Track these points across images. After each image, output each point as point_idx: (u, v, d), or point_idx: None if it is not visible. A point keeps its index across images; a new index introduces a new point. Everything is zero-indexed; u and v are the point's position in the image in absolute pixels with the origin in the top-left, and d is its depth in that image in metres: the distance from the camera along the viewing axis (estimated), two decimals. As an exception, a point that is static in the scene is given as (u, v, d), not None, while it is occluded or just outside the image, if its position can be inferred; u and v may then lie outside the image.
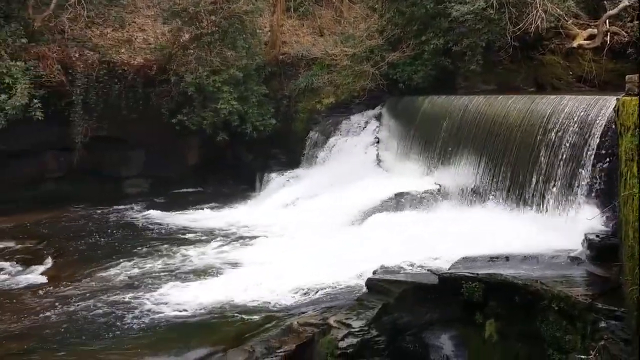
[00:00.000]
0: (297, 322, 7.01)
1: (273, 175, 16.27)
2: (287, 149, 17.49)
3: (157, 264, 10.56)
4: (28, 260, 11.29)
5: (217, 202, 15.59)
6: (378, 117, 15.85)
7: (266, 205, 14.63)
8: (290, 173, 16.02)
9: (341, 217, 11.83)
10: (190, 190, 17.49)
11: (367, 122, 15.93)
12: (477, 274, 6.68)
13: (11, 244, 12.21)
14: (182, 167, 17.87)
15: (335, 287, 8.72)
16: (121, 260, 10.89)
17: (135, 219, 14.30)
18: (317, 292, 8.63)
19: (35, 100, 14.31)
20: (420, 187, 11.93)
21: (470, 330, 6.63)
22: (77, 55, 16.02)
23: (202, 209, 15.04)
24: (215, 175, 17.80)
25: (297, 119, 17.63)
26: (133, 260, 10.86)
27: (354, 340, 6.60)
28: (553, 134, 9.14)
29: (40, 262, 11.12)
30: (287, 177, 15.88)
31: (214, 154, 17.62)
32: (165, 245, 11.72)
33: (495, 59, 14.07)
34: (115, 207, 15.40)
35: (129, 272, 10.19)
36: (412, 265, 8.09)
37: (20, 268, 10.89)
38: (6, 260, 11.28)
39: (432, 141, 12.91)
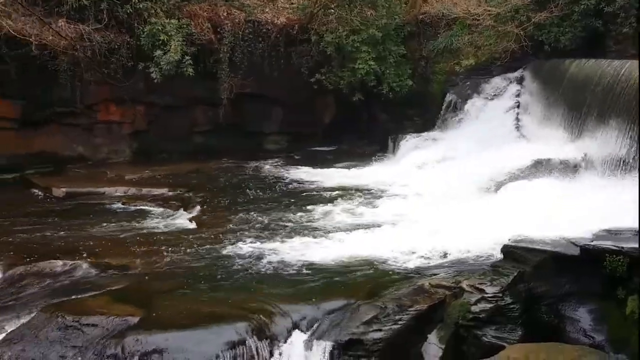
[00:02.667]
0: (429, 283, 7.04)
1: (407, 136, 16.16)
2: (423, 110, 17.27)
3: (293, 218, 10.92)
4: (179, 207, 12.11)
5: (351, 161, 15.80)
6: (520, 81, 15.20)
7: (399, 167, 14.63)
8: (424, 135, 15.85)
9: (476, 182, 11.59)
10: (325, 148, 17.82)
11: (507, 86, 15.32)
12: (622, 248, 6.36)
13: (164, 190, 13.13)
14: (318, 126, 18.21)
15: (468, 252, 8.62)
16: (260, 212, 11.37)
17: (274, 174, 14.85)
18: (449, 255, 8.58)
19: (187, 57, 15.09)
20: (562, 155, 11.38)
21: (610, 305, 6.36)
22: (225, 14, 16.63)
23: (337, 167, 15.32)
24: (349, 135, 17.99)
25: (434, 80, 17.33)
26: (271, 213, 11.29)
27: (487, 306, 6.53)
28: None
29: (189, 209, 11.89)
30: (422, 139, 15.71)
31: (349, 114, 17.77)
32: (302, 201, 12.09)
33: (652, 21, 12.97)
34: (256, 161, 16.06)
35: (267, 224, 10.59)
36: (549, 234, 7.79)
37: (172, 213, 11.73)
38: (160, 205, 12.19)
39: (577, 107, 12.21)
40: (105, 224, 10.90)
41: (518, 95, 14.90)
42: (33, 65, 14.34)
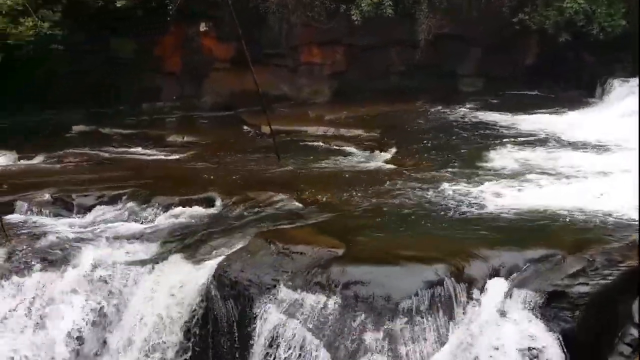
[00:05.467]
0: (643, 239, 6.49)
1: (616, 82, 14.77)
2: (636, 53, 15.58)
3: (489, 163, 10.59)
4: (374, 147, 12.34)
5: (552, 107, 14.85)
6: None
7: (607, 114, 13.46)
8: (636, 81, 14.35)
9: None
10: (523, 92, 16.85)
11: None
12: None
13: (360, 131, 13.42)
14: (517, 68, 17.23)
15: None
16: (455, 155, 11.22)
17: (469, 117, 14.46)
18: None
19: (387, -2, 15.02)
20: None
21: None
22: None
23: (536, 112, 14.46)
24: (551, 78, 16.80)
25: (651, 19, 15.49)
26: (466, 156, 11.11)
27: None
28: None
29: (385, 150, 12.04)
30: (633, 84, 14.24)
31: (552, 56, 16.56)
32: (497, 146, 11.65)
33: None
34: (451, 103, 15.70)
35: (462, 168, 10.39)
36: None
37: (368, 153, 12.00)
38: (356, 146, 12.51)
39: None
40: (307, 161, 11.46)
41: None
42: (245, 8, 15.14)
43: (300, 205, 8.98)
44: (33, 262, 7.60)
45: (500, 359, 5.10)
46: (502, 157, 10.85)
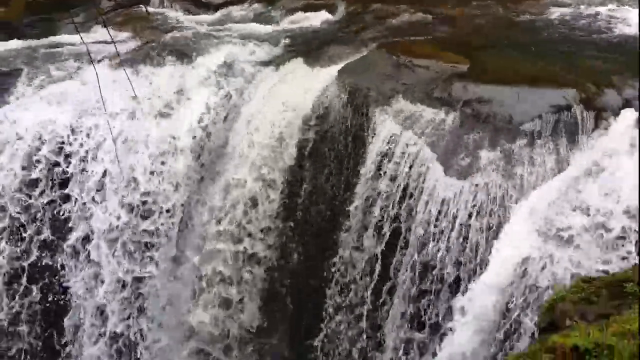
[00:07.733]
0: None
1: None
2: None
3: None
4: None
5: None
6: None
7: None
8: None
9: None
10: None
11: None
12: None
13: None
14: None
15: None
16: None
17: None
18: None
19: None
20: None
21: None
22: None
23: None
24: None
25: None
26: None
27: None
28: None
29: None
30: None
31: None
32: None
33: None
34: None
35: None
36: None
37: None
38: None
39: None
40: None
41: None
42: None
43: (426, 17, 8.48)
44: (165, 54, 7.79)
45: (625, 189, 4.78)
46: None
